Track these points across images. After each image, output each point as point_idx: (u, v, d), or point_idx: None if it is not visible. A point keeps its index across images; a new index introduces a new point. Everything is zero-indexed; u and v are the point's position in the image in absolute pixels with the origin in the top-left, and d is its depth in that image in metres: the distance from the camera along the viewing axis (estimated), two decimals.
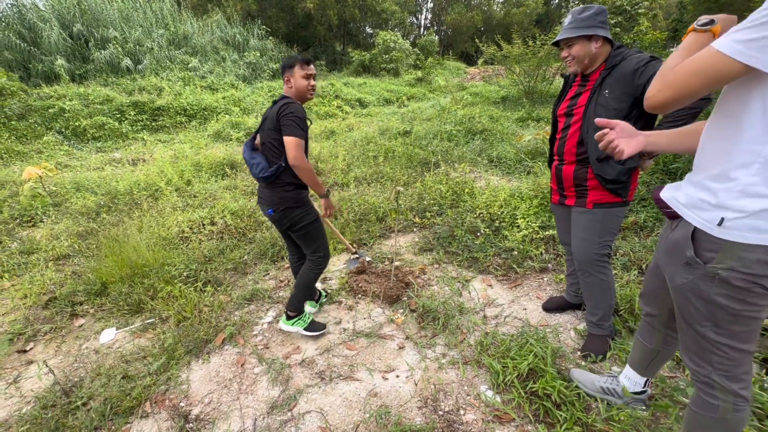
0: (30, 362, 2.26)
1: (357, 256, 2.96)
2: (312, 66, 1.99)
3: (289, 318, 2.23)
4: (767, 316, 0.97)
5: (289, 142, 1.85)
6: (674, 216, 1.05)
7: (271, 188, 2.00)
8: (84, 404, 1.87)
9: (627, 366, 1.58)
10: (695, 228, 0.96)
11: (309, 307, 2.50)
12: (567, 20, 1.70)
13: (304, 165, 1.89)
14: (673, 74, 0.90)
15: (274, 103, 1.95)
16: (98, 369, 2.10)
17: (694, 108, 1.51)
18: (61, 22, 11.41)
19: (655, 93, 0.95)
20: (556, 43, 1.74)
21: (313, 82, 1.99)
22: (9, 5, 11.04)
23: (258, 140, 2.07)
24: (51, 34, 10.69)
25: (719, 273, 0.92)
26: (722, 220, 0.90)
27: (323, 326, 2.28)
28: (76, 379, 2.06)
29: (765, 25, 0.75)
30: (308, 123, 1.96)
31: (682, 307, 1.07)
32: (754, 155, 0.84)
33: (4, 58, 10.19)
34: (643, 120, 1.63)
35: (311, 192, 2.13)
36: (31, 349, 2.38)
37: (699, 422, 1.15)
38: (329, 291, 2.73)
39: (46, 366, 2.01)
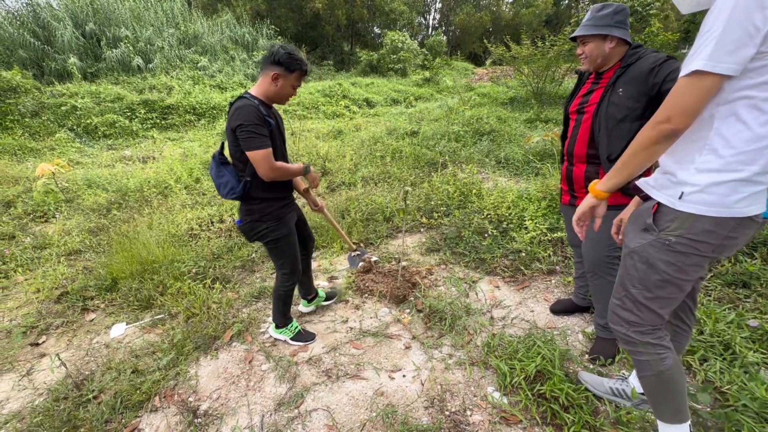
0: (42, 355, 2.31)
1: (358, 252, 2.83)
2: None
3: (277, 326, 2.23)
4: (688, 289, 1.16)
5: (254, 157, 1.66)
6: (647, 198, 1.19)
7: (241, 199, 1.89)
8: (95, 397, 1.90)
9: None
10: (659, 203, 1.10)
11: (302, 307, 2.52)
12: (587, 16, 1.67)
13: (278, 173, 1.75)
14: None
15: (230, 106, 1.74)
16: (109, 363, 2.14)
17: None
18: (74, 21, 11.59)
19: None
20: (574, 38, 1.72)
21: (294, 93, 1.86)
22: (24, 4, 11.24)
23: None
24: (64, 33, 10.86)
25: (670, 239, 1.07)
26: (682, 194, 1.03)
27: (312, 336, 2.25)
28: (87, 373, 2.09)
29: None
30: (271, 122, 1.74)
31: (625, 269, 1.22)
32: (703, 140, 0.99)
33: (18, 57, 10.37)
34: None
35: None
36: (44, 342, 2.43)
37: (647, 386, 1.28)
38: (336, 290, 2.73)
39: (59, 359, 2.05)
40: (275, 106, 1.91)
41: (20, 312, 2.71)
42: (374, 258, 3.20)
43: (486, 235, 3.23)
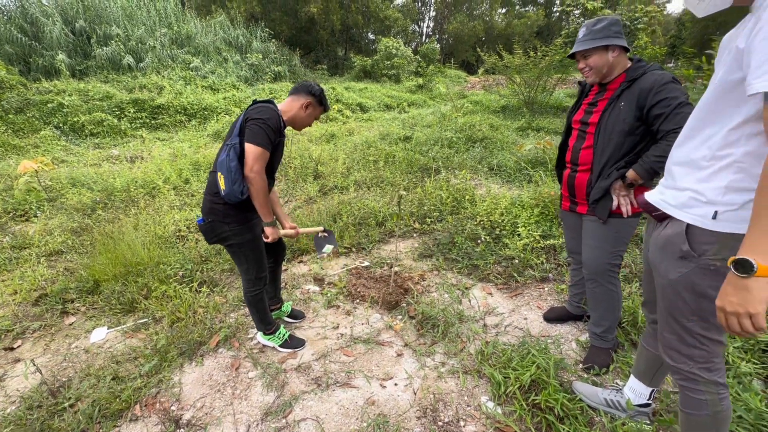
0: (17, 360, 2.20)
1: (325, 234, 2.37)
2: None
3: (265, 333, 2.16)
4: None
5: (253, 150, 1.62)
6: (663, 218, 1.12)
7: (206, 195, 1.83)
8: (71, 406, 1.80)
9: (632, 377, 1.54)
10: (688, 224, 1.01)
11: None
12: (582, 32, 1.70)
13: (259, 181, 1.66)
14: None
15: (254, 102, 1.75)
16: (87, 369, 2.04)
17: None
18: (63, 18, 11.38)
19: None
20: (572, 55, 1.75)
21: (311, 125, 1.99)
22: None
23: None
24: (53, 29, 10.64)
25: (715, 264, 0.97)
26: (716, 213, 0.96)
27: (301, 343, 2.18)
28: (64, 380, 2.00)
29: None
30: (281, 137, 1.77)
31: (671, 302, 1.10)
32: (730, 157, 0.93)
33: (4, 52, 10.12)
34: (648, 139, 1.63)
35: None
36: (19, 346, 2.32)
37: (695, 423, 1.19)
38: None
39: (34, 365, 1.95)
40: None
41: None
42: (365, 263, 3.16)
43: (479, 241, 3.21)
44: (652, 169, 1.56)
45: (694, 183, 1.01)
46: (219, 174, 1.69)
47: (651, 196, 1.17)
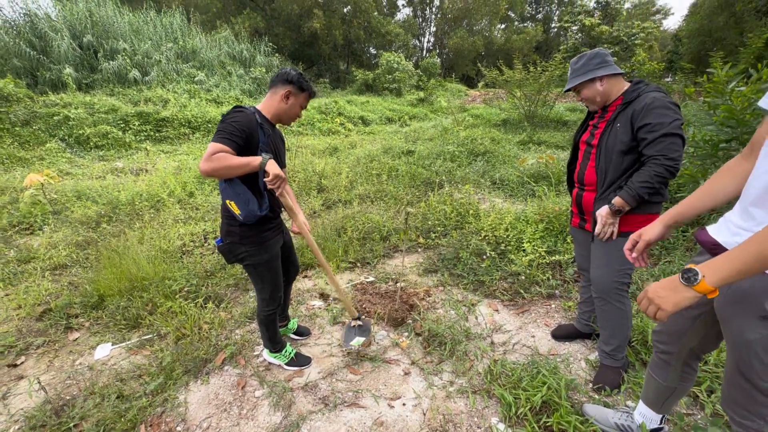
0: (20, 377, 2.17)
1: (360, 323, 2.18)
2: None
3: (271, 351, 2.14)
4: None
5: (209, 147, 1.50)
6: None
7: (222, 218, 1.80)
8: (76, 426, 1.78)
9: (641, 402, 1.52)
10: None
11: None
12: (569, 71, 1.82)
13: (211, 167, 1.48)
14: None
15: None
16: (92, 387, 2.02)
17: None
18: (71, 33, 11.60)
19: None
20: (568, 90, 1.84)
21: (300, 115, 1.85)
22: (22, 15, 11.23)
23: None
24: (61, 43, 10.84)
25: None
26: None
27: (307, 360, 2.16)
28: (68, 398, 1.97)
29: None
30: (263, 134, 1.65)
31: (744, 361, 1.01)
32: None
33: (12, 65, 10.30)
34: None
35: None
36: (22, 363, 2.29)
37: None
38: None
39: (38, 383, 1.93)
40: (279, 126, 1.89)
41: None
42: (370, 278, 3.15)
43: (484, 256, 3.21)
44: (638, 195, 1.58)
45: None
46: (228, 202, 1.66)
47: (720, 235, 1.04)
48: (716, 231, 1.07)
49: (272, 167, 1.58)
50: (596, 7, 24.42)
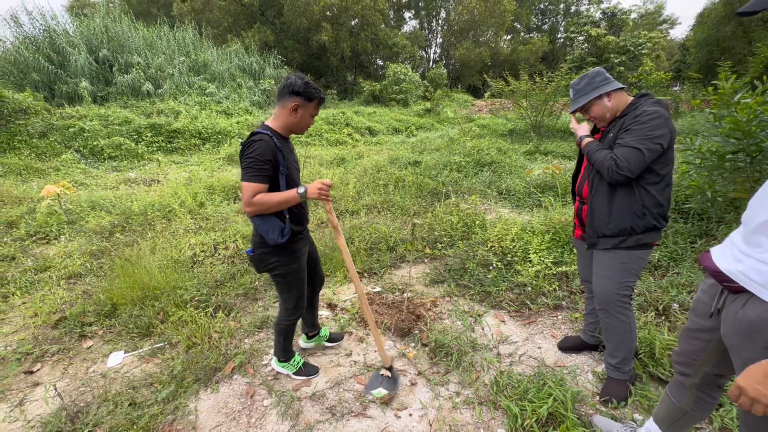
0: (36, 384, 2.23)
1: (389, 374, 2.05)
2: None
3: (280, 360, 2.17)
4: None
5: (244, 186, 1.62)
6: (739, 290, 0.98)
7: (254, 230, 1.86)
8: None
9: (651, 419, 1.52)
10: None
11: (302, 343, 2.44)
12: (571, 93, 1.86)
13: (254, 210, 1.63)
14: None
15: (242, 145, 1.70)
16: (105, 394, 2.07)
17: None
18: (88, 47, 12.00)
19: None
20: (574, 111, 1.87)
21: (312, 122, 1.86)
22: (42, 30, 11.65)
23: None
24: (78, 58, 11.21)
25: None
26: None
27: (315, 370, 2.19)
28: (82, 405, 2.02)
29: None
30: (283, 156, 1.72)
31: None
32: None
33: (31, 79, 10.66)
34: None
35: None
36: (38, 370, 2.36)
37: None
38: (342, 327, 2.68)
39: (55, 389, 1.98)
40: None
41: (16, 337, 2.65)
42: (377, 288, 3.17)
43: (490, 267, 3.22)
44: (589, 157, 1.72)
45: None
46: (256, 226, 1.77)
47: (724, 263, 1.01)
48: (720, 255, 1.05)
49: (311, 191, 1.67)
50: (602, 18, 24.52)
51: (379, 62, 26.79)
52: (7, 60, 10.96)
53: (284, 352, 2.13)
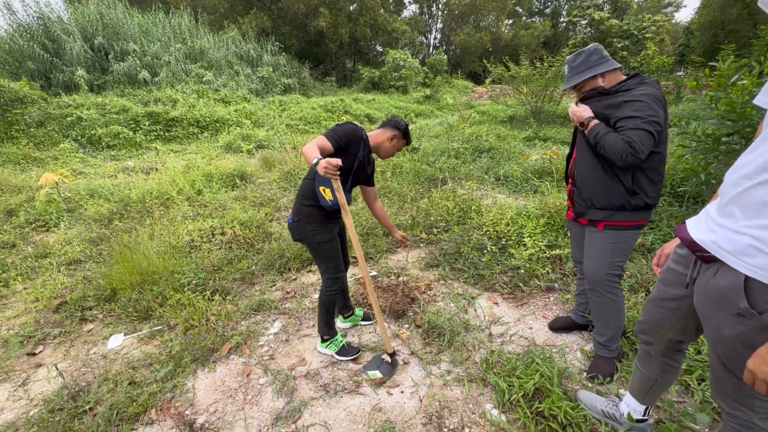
0: (39, 365, 2.29)
1: (389, 360, 2.10)
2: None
3: (323, 341, 2.23)
4: None
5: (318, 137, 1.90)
6: (711, 260, 1.00)
7: (297, 198, 2.05)
8: (91, 409, 1.88)
9: (628, 392, 1.56)
10: (747, 277, 0.90)
11: (340, 323, 2.52)
12: (566, 70, 1.84)
13: (303, 149, 1.81)
14: None
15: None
16: (105, 374, 2.12)
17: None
18: (83, 35, 11.86)
19: None
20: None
21: (393, 155, 2.18)
22: (36, 18, 11.51)
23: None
24: (74, 46, 11.10)
25: None
26: None
27: (356, 351, 2.22)
28: (83, 384, 2.08)
29: None
30: (360, 159, 1.96)
31: (727, 357, 1.02)
32: None
33: (27, 68, 10.58)
34: None
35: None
36: (41, 352, 2.42)
37: None
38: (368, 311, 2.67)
39: (56, 370, 2.04)
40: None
41: (18, 321, 2.71)
42: (373, 273, 3.21)
43: (485, 251, 3.25)
44: (593, 139, 1.69)
45: (758, 229, 0.88)
46: (322, 188, 1.87)
47: (697, 233, 1.04)
48: (695, 226, 1.08)
49: (320, 165, 1.71)
50: (605, 1, 24.08)
51: (379, 48, 26.45)
52: (1, 48, 10.86)
53: (327, 328, 2.19)
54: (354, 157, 1.96)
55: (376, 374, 2.01)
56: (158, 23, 14.10)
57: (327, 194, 1.87)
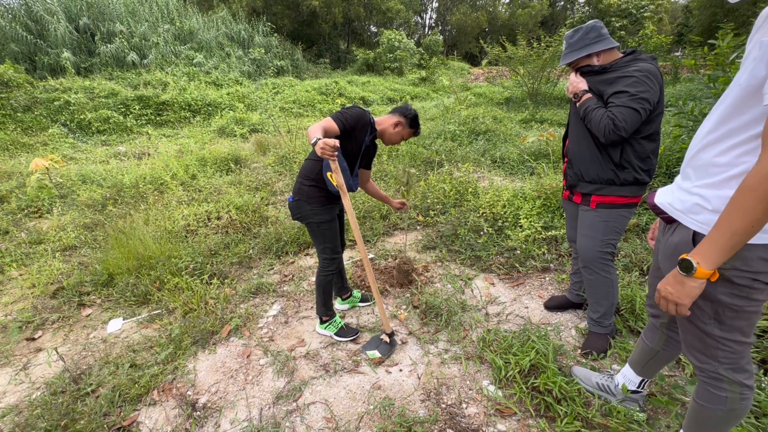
0: (39, 350, 2.30)
1: (388, 341, 2.12)
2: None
3: (322, 322, 2.25)
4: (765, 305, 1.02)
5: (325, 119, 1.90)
6: (671, 220, 1.09)
7: (298, 178, 2.05)
8: (93, 391, 1.90)
9: (626, 364, 1.60)
10: (695, 231, 0.99)
11: (338, 305, 2.54)
12: (564, 45, 1.82)
13: (309, 129, 1.81)
14: None
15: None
16: (106, 357, 2.14)
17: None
18: (67, 15, 11.44)
19: None
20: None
21: (399, 143, 2.18)
22: None
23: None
24: (57, 27, 10.72)
25: (723, 273, 0.95)
26: None
27: (355, 332, 2.25)
28: (84, 367, 2.09)
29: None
30: (365, 142, 1.97)
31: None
32: (743, 164, 0.89)
33: (10, 50, 10.23)
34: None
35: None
36: (40, 337, 2.42)
37: (707, 415, 1.19)
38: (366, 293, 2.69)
39: (57, 353, 2.05)
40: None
41: (15, 307, 2.70)
42: (370, 255, 3.23)
43: (481, 233, 3.27)
44: (583, 111, 1.70)
45: (703, 188, 0.97)
46: (329, 174, 1.86)
47: (660, 197, 1.12)
48: (663, 192, 1.16)
49: (317, 145, 1.69)
50: None
51: (373, 29, 25.84)
52: None
53: (325, 308, 2.21)
54: (360, 141, 1.97)
55: (375, 354, 2.05)
56: (144, 3, 13.61)
57: (334, 180, 1.86)
